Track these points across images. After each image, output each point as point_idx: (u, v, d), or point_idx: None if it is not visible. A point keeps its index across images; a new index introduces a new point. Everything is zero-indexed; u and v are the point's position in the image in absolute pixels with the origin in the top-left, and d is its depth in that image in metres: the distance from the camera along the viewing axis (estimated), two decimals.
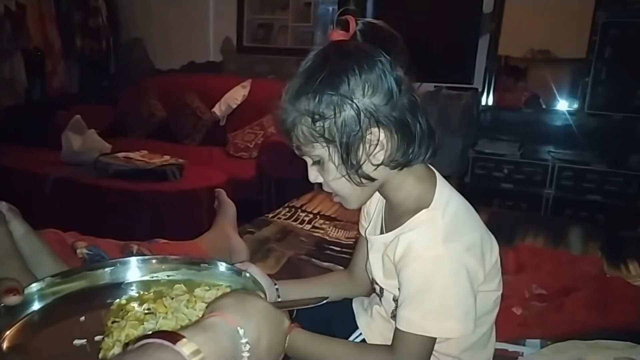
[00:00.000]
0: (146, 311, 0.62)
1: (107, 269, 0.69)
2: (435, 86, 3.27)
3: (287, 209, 1.88)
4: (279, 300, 0.91)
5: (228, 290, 0.68)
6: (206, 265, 0.72)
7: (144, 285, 0.69)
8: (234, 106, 3.62)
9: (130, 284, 0.70)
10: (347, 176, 0.75)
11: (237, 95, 3.63)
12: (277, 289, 0.97)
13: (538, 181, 3.09)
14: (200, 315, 0.58)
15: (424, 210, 0.76)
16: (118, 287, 0.68)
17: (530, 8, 3.26)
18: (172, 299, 0.65)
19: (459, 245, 0.73)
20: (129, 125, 3.87)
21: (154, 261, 0.72)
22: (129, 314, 0.60)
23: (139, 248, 1.04)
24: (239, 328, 0.49)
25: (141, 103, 3.86)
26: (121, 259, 0.71)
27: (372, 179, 0.76)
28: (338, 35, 0.75)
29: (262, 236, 1.58)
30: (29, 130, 3.46)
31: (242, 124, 3.51)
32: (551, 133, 3.27)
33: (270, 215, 1.81)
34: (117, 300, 0.64)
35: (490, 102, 3.40)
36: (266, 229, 1.66)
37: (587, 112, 3.11)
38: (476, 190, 3.15)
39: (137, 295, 0.67)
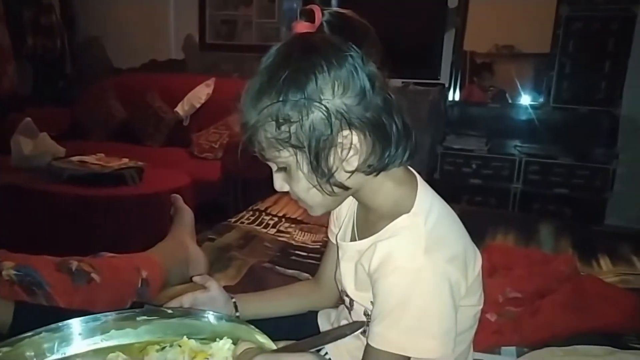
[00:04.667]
0: None
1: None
2: (402, 82, 3.23)
3: (251, 213, 1.79)
4: (305, 340, 0.70)
5: (193, 342, 0.52)
6: (144, 317, 0.54)
7: None
8: (198, 105, 3.52)
9: None
10: (318, 186, 0.68)
11: (200, 94, 3.53)
12: (234, 304, 0.90)
13: (506, 176, 3.09)
14: None
15: (404, 216, 0.69)
16: None
17: (494, 2, 3.26)
18: None
19: (442, 256, 0.67)
20: (87, 127, 3.71)
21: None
22: None
23: (79, 264, 0.94)
24: None
25: (99, 104, 3.71)
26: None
27: (345, 188, 0.69)
28: (302, 27, 0.67)
29: (223, 243, 1.49)
30: None
31: (206, 123, 3.41)
32: (518, 127, 3.29)
33: (233, 220, 1.72)
34: None
35: (457, 98, 3.39)
36: (228, 235, 1.57)
37: (552, 106, 3.14)
38: (445, 186, 3.12)
39: None
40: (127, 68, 4.10)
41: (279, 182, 0.72)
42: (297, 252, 1.49)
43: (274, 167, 0.71)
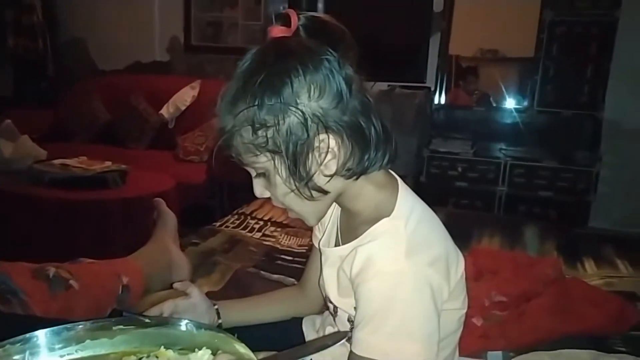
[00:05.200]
0: None
1: None
2: (388, 85, 3.24)
3: (236, 217, 1.77)
4: (286, 351, 0.69)
5: (170, 353, 0.51)
6: (120, 327, 0.51)
7: None
8: (183, 108, 3.49)
9: None
10: (296, 190, 0.67)
11: (186, 96, 3.50)
12: (217, 311, 0.88)
13: (491, 179, 3.11)
14: None
15: (385, 219, 0.68)
16: None
17: (479, 7, 3.29)
18: None
19: (423, 259, 0.66)
20: (69, 129, 3.65)
21: None
22: None
23: (57, 271, 0.91)
24: None
25: (83, 106, 3.66)
26: None
27: (325, 192, 0.68)
28: (278, 31, 0.67)
29: (207, 248, 1.47)
30: None
31: (192, 126, 3.37)
32: (503, 131, 3.31)
33: (218, 224, 1.70)
34: None
35: (442, 101, 3.41)
36: (212, 239, 1.54)
37: (536, 110, 3.16)
38: (431, 189, 3.14)
39: None
40: (111, 70, 4.04)
41: (259, 189, 0.71)
42: (282, 256, 1.48)
43: (253, 173, 0.70)
